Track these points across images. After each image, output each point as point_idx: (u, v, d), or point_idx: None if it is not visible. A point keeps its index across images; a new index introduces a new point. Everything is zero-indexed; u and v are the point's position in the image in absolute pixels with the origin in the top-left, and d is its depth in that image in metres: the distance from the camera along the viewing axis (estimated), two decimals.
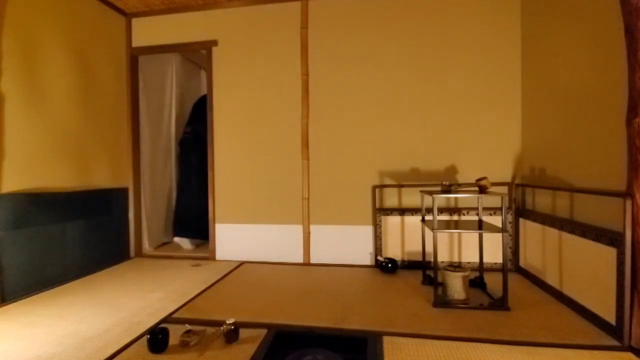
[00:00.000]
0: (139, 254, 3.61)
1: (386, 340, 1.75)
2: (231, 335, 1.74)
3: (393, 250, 3.06)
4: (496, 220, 2.79)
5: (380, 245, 3.07)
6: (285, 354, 1.53)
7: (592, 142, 2.02)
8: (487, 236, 2.71)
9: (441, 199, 2.97)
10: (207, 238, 3.52)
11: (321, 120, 3.23)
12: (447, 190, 2.38)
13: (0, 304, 2.30)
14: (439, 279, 2.27)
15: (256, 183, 3.36)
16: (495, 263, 2.86)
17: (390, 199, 3.12)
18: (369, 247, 3.14)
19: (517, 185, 2.92)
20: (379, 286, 2.60)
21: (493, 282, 2.50)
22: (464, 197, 2.93)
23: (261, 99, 3.35)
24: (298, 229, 3.26)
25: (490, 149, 2.97)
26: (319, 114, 3.24)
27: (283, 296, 2.41)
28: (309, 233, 3.24)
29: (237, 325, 1.78)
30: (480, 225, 2.41)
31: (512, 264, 2.88)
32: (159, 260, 3.47)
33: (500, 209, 2.80)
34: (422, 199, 2.73)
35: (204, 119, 3.58)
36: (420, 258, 2.79)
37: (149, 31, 3.54)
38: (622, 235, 1.70)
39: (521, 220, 2.84)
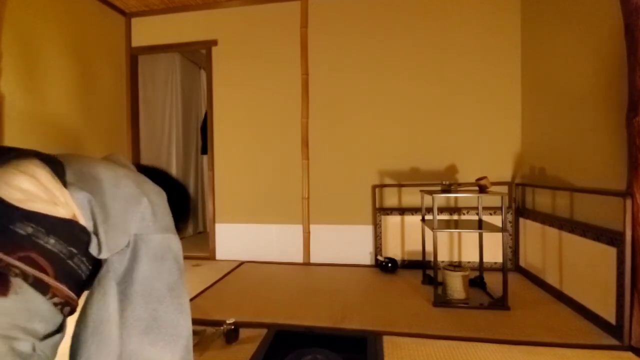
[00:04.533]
0: None
1: (386, 339, 1.75)
2: (231, 335, 1.74)
3: (393, 249, 3.06)
4: (496, 220, 2.79)
5: (380, 244, 3.07)
6: (285, 354, 1.52)
7: (592, 141, 2.02)
8: (487, 236, 2.71)
9: (441, 199, 2.97)
10: None
11: (321, 119, 3.23)
12: (447, 189, 2.38)
13: None
14: (439, 279, 2.27)
15: (256, 183, 3.36)
16: (495, 262, 2.86)
17: (390, 198, 3.12)
18: (369, 247, 3.14)
19: (517, 184, 2.92)
20: (379, 286, 2.60)
21: (493, 281, 2.50)
22: (464, 197, 2.93)
23: (261, 99, 3.34)
24: (298, 229, 3.26)
25: (490, 149, 2.97)
26: (319, 114, 3.24)
27: (283, 296, 2.41)
28: (309, 233, 3.24)
29: (237, 325, 1.78)
30: (480, 225, 2.41)
31: (512, 264, 2.88)
32: None
33: (500, 208, 2.80)
34: (422, 198, 2.73)
35: None
36: (420, 257, 2.79)
37: (149, 31, 3.54)
38: (622, 235, 1.69)
39: (521, 220, 2.84)
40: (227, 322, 1.76)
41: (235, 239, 3.39)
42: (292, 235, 3.27)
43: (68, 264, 0.57)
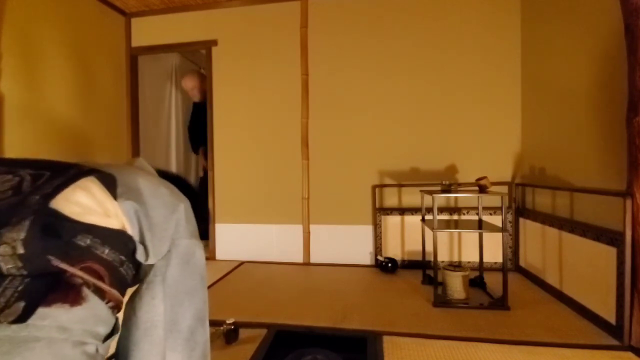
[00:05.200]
0: None
1: (386, 339, 1.75)
2: (231, 335, 1.74)
3: (393, 249, 3.06)
4: (496, 220, 2.79)
5: (380, 244, 3.07)
6: (285, 354, 1.52)
7: (592, 141, 2.02)
8: (487, 236, 2.71)
9: (441, 199, 2.97)
10: None
11: (321, 120, 3.23)
12: (447, 189, 2.38)
13: None
14: (439, 279, 2.27)
15: (256, 183, 3.36)
16: (495, 262, 2.86)
17: (390, 198, 3.12)
18: (369, 247, 3.14)
19: (517, 184, 2.92)
20: (379, 286, 2.60)
21: (493, 281, 2.50)
22: (464, 197, 2.93)
23: (261, 99, 3.34)
24: (298, 229, 3.26)
25: (490, 149, 2.97)
26: (318, 114, 3.23)
27: (283, 296, 2.41)
28: (309, 233, 3.24)
29: (237, 325, 1.78)
30: (480, 225, 2.41)
31: (512, 264, 2.88)
32: None
33: (500, 208, 2.79)
34: (422, 198, 2.73)
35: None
36: (420, 258, 2.78)
37: (149, 31, 3.54)
38: (622, 235, 1.69)
39: (521, 220, 2.84)
40: (227, 322, 1.76)
41: (235, 239, 3.39)
42: (292, 235, 3.27)
43: (119, 271, 0.63)
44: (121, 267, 0.63)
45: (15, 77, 2.46)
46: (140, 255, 0.67)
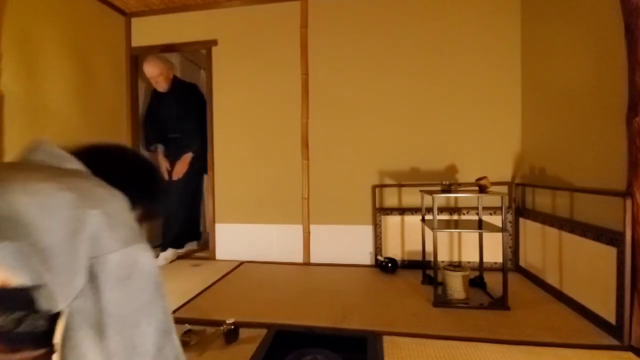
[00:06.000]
0: None
1: (386, 339, 1.75)
2: (231, 335, 1.74)
3: (393, 249, 3.05)
4: (496, 220, 2.78)
5: (380, 244, 3.07)
6: (285, 354, 1.52)
7: (592, 141, 2.02)
8: (487, 236, 2.70)
9: (441, 199, 2.96)
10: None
11: (321, 120, 3.23)
12: (447, 189, 2.38)
13: None
14: (439, 279, 2.27)
15: (256, 183, 3.36)
16: (495, 262, 2.86)
17: (390, 198, 3.12)
18: (369, 247, 3.14)
19: (517, 184, 2.92)
20: (379, 286, 2.60)
21: (493, 281, 2.50)
22: (464, 197, 2.93)
23: (261, 99, 3.34)
24: (298, 229, 3.26)
25: (490, 149, 2.97)
26: (319, 114, 3.23)
27: (283, 296, 2.41)
28: (309, 233, 3.24)
29: (237, 325, 1.78)
30: (480, 225, 2.41)
31: (512, 264, 2.88)
32: None
33: (500, 208, 2.79)
34: (422, 198, 2.73)
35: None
36: (420, 258, 2.78)
37: (149, 31, 3.54)
38: (622, 235, 1.69)
39: (521, 220, 2.84)
40: (227, 322, 1.76)
41: (235, 239, 3.39)
42: (292, 235, 3.27)
43: (18, 333, 0.50)
44: (20, 325, 0.50)
45: (15, 77, 2.46)
46: (45, 304, 0.52)
